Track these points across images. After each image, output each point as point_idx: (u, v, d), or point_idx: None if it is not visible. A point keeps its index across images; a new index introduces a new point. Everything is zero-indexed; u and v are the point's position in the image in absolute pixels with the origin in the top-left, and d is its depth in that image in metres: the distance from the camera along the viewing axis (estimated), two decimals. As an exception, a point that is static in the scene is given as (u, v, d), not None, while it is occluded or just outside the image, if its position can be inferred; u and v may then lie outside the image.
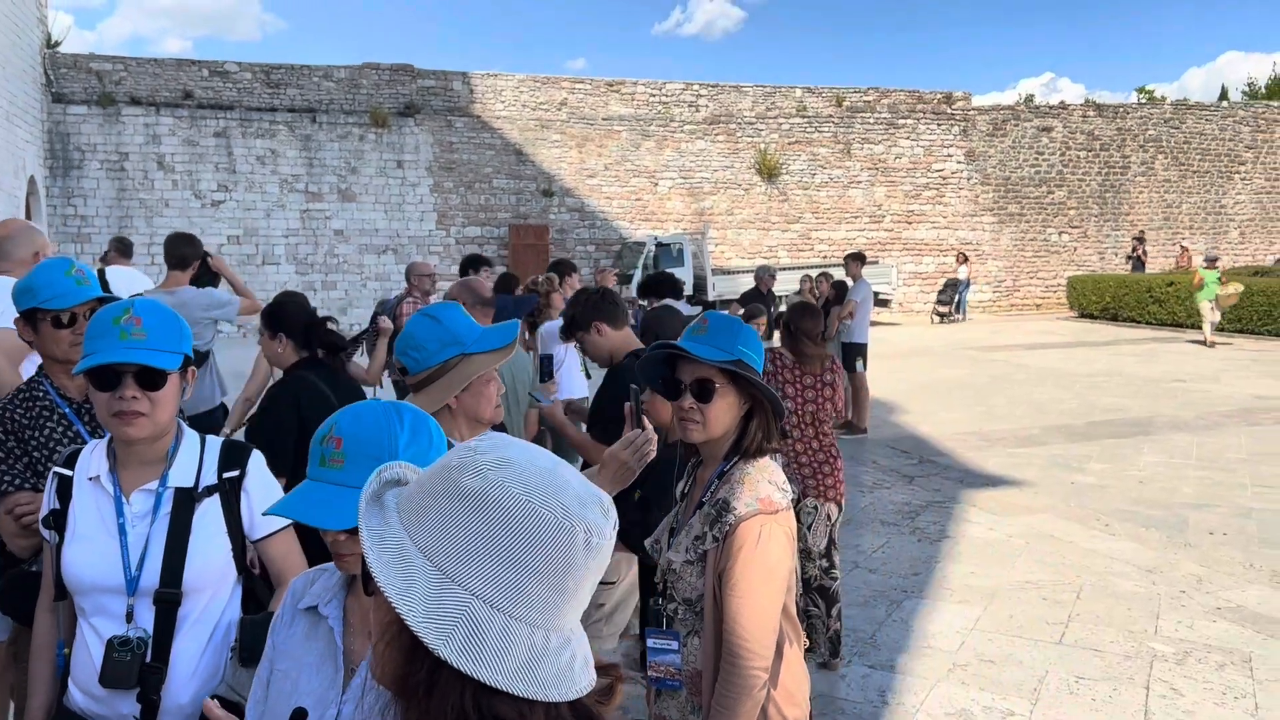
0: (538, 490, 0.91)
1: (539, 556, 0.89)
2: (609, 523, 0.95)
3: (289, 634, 1.57)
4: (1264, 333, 19.74)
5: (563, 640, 0.92)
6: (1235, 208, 30.31)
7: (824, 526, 4.86)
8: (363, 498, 0.98)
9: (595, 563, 0.93)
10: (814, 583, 4.84)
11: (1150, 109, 30.69)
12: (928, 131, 27.20)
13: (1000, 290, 27.86)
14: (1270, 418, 11.58)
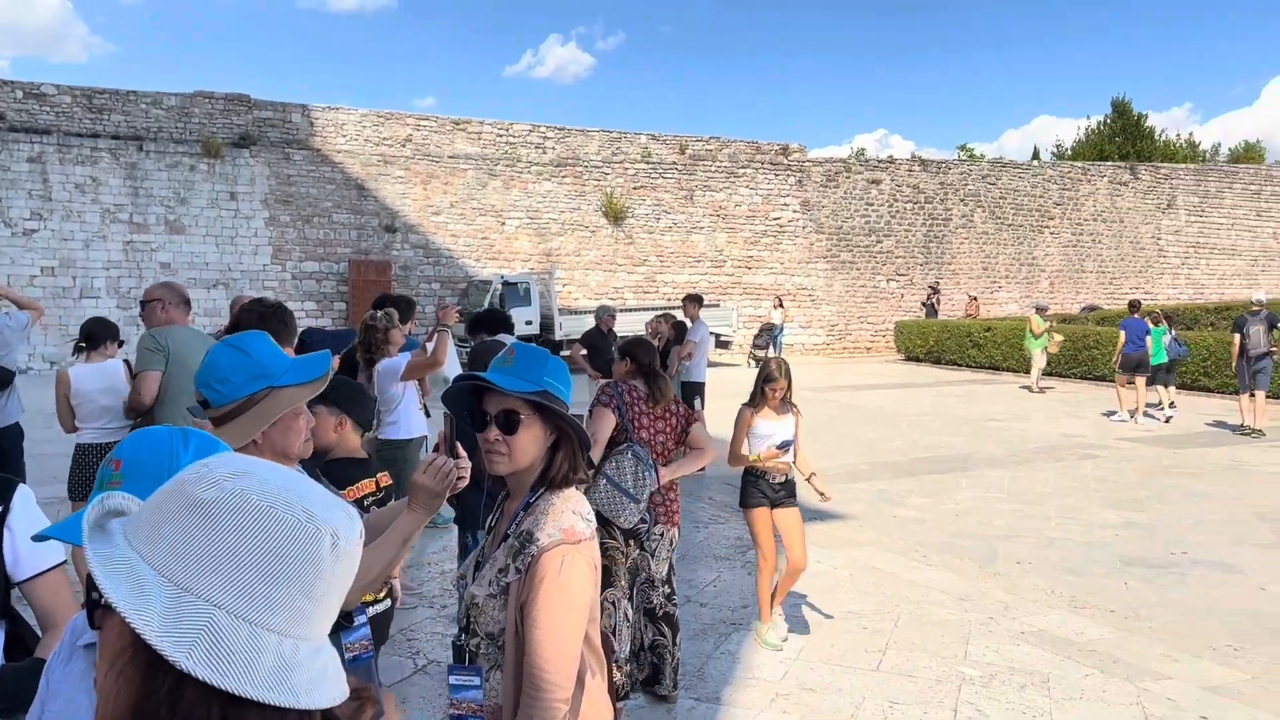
0: (279, 497, 0.88)
1: (284, 563, 0.87)
2: (355, 527, 0.94)
3: (65, 672, 1.49)
4: (1071, 375, 21.24)
5: (314, 649, 0.90)
6: (1045, 259, 32.67)
7: (667, 551, 4.91)
8: (84, 525, 0.93)
9: (343, 567, 0.91)
10: (659, 611, 4.88)
11: (970, 166, 32.87)
12: (766, 181, 28.24)
13: (833, 334, 29.04)
14: (1074, 454, 12.44)
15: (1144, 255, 34.49)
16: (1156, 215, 34.72)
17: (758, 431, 5.66)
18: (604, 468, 4.70)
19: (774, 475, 5.69)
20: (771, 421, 5.67)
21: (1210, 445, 13.03)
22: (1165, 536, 8.34)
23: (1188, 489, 10.28)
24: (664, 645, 4.87)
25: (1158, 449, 12.79)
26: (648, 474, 4.71)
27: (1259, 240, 36.92)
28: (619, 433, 4.81)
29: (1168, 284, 34.69)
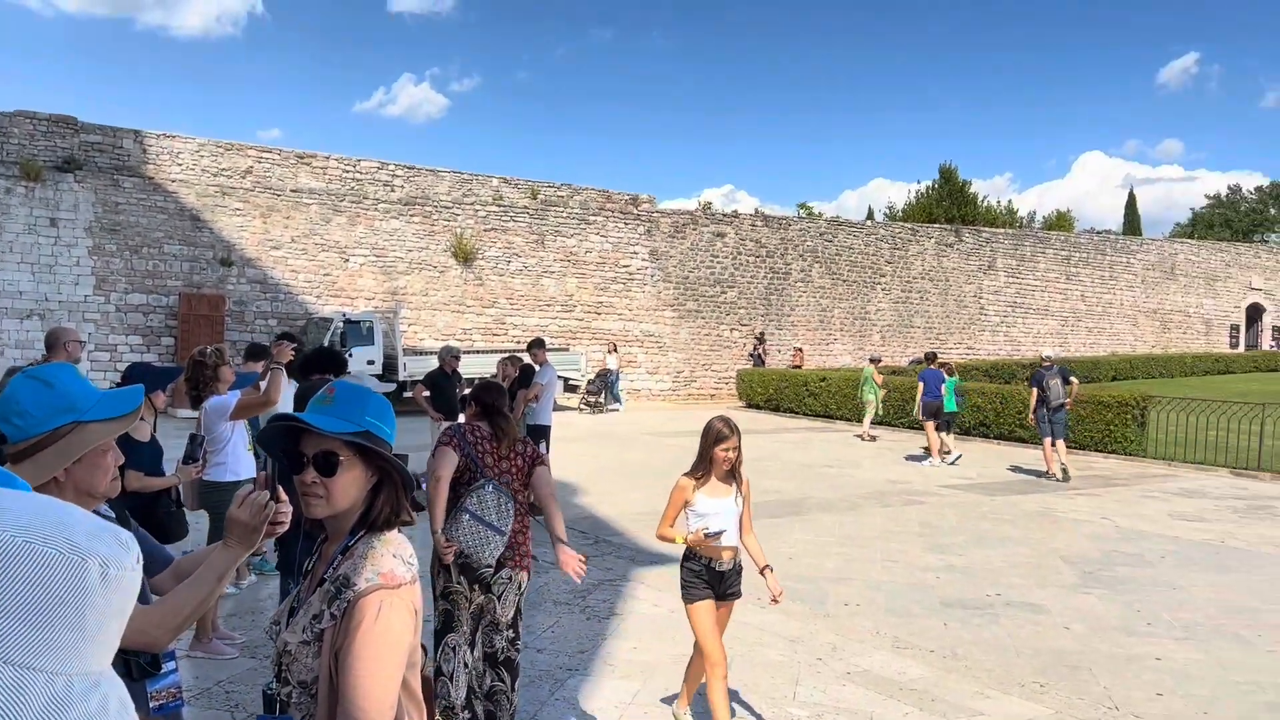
0: (36, 530, 0.84)
1: (47, 597, 0.82)
2: (129, 553, 0.90)
3: None
4: (899, 425, 22.26)
5: (90, 684, 0.85)
6: (877, 314, 34.31)
7: (514, 595, 4.84)
8: None
9: (117, 596, 0.88)
10: (500, 655, 4.80)
11: (808, 223, 34.33)
12: (616, 229, 28.67)
13: (679, 380, 29.55)
14: (900, 499, 13.02)
15: (967, 312, 36.70)
16: (978, 275, 37.05)
17: (699, 509, 4.68)
18: (465, 504, 4.66)
19: (719, 560, 4.75)
20: (718, 498, 4.73)
21: (1023, 493, 13.88)
22: (982, 579, 8.81)
23: (1002, 534, 10.91)
24: (502, 691, 4.80)
25: (977, 496, 13.53)
26: (509, 505, 4.69)
27: (1069, 301, 39.89)
28: (468, 472, 4.76)
29: (988, 340, 36.98)
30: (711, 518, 4.65)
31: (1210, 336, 45.07)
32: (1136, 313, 42.30)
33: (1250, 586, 8.70)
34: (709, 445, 4.74)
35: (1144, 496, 13.79)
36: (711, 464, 4.73)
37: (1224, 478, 15.97)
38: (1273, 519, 12.25)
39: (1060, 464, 14.97)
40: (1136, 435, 18.07)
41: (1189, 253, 45.44)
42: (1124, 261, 42.07)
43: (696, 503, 4.75)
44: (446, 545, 4.62)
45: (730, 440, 4.70)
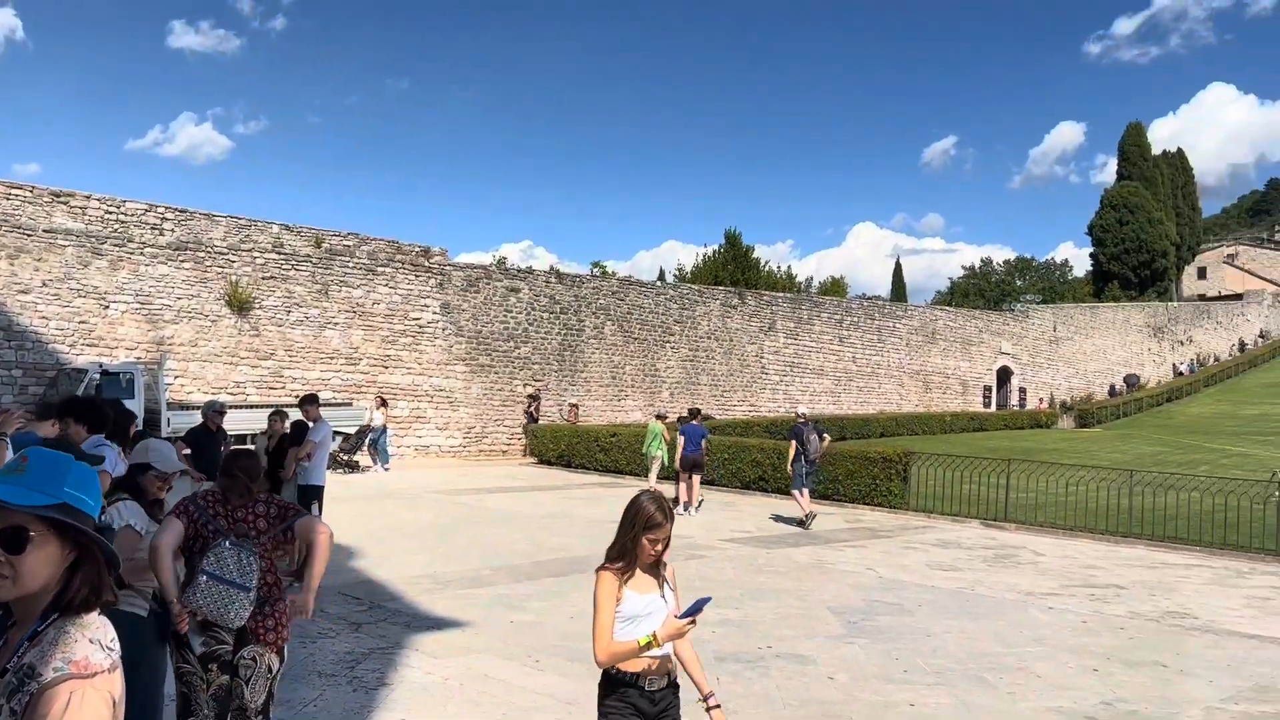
0: None
1: None
2: None
3: None
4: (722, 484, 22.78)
5: None
6: (667, 371, 35.18)
7: (264, 680, 4.50)
8: None
9: None
10: (248, 744, 4.44)
11: (602, 281, 34.93)
12: (406, 281, 28.09)
13: (470, 436, 29.08)
14: (682, 554, 13.20)
15: (750, 371, 38.25)
16: (760, 336, 38.77)
17: (626, 610, 3.74)
18: (201, 565, 4.33)
19: (650, 677, 3.77)
20: (648, 594, 3.80)
21: (796, 545, 14.46)
22: (755, 632, 9.06)
23: (776, 586, 11.29)
24: (254, 780, 4.45)
25: (754, 549, 13.97)
26: (250, 560, 4.37)
27: (842, 362, 42.34)
28: (200, 539, 4.44)
29: (768, 397, 38.63)
30: (643, 620, 3.72)
31: (967, 396, 48.94)
32: (902, 373, 45.39)
33: (995, 631, 9.38)
34: (636, 531, 3.79)
35: (905, 547, 14.67)
36: (637, 554, 3.82)
37: (976, 528, 17.25)
38: (1016, 567, 13.31)
39: (808, 511, 16.23)
40: (900, 489, 19.27)
41: (948, 319, 49.37)
42: (891, 326, 45.17)
43: (624, 602, 3.74)
44: (181, 611, 4.28)
45: (664, 529, 3.81)
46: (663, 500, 3.87)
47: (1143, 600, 11.20)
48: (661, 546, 3.82)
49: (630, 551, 3.80)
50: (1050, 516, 17.80)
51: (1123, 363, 62.18)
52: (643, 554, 3.80)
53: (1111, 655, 8.59)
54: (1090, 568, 13.41)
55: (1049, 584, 12.04)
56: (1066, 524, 17.15)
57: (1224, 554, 14.93)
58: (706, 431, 18.48)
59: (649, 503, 3.83)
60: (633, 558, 3.81)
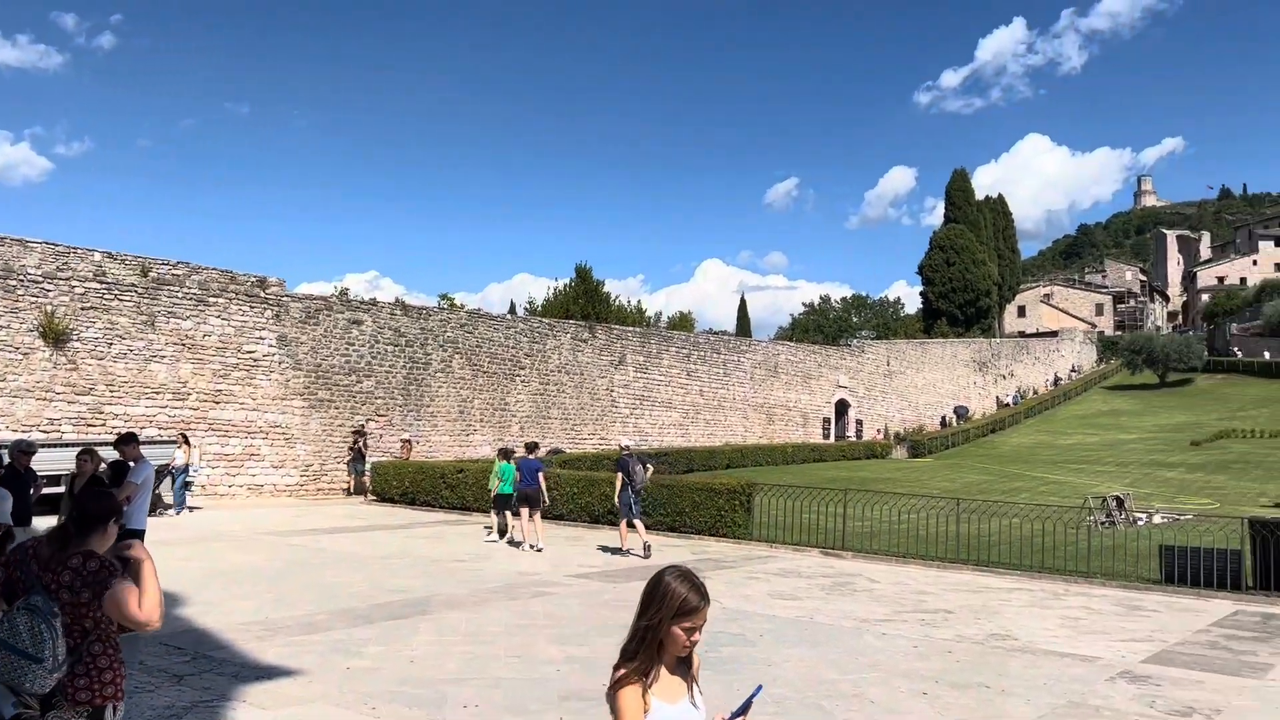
0: None
1: None
2: None
3: None
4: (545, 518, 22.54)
5: None
6: (517, 405, 34.88)
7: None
8: None
9: None
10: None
11: (450, 314, 34.40)
12: (240, 312, 26.91)
13: (308, 474, 27.98)
14: (528, 591, 13.07)
15: (600, 404, 38.38)
16: (611, 370, 39.00)
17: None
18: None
19: None
20: (675, 704, 3.04)
21: (644, 578, 14.45)
22: (600, 668, 8.97)
23: (623, 620, 11.19)
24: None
25: (601, 583, 13.93)
26: (45, 627, 3.98)
27: (689, 395, 43.03)
28: (20, 587, 4.06)
29: (619, 431, 38.80)
30: None
31: (807, 428, 50.51)
32: (747, 406, 46.49)
33: (832, 659, 9.62)
34: (663, 617, 2.99)
35: (749, 578, 14.93)
36: (662, 648, 3.02)
37: (815, 557, 17.74)
38: (853, 594, 13.74)
39: (644, 541, 16.78)
40: (744, 520, 19.64)
41: (789, 353, 50.96)
42: (736, 360, 46.26)
43: (651, 715, 2.97)
44: None
45: (701, 613, 3.01)
46: (693, 576, 3.07)
47: (969, 624, 11.74)
48: (698, 636, 3.06)
49: (653, 646, 3.00)
50: (884, 544, 18.50)
51: (951, 395, 65.59)
52: (673, 647, 3.02)
53: (940, 678, 8.94)
54: (921, 593, 13.98)
55: (883, 610, 12.48)
56: (899, 551, 17.86)
57: (1042, 577, 15.84)
58: (543, 465, 18.53)
59: (678, 582, 3.03)
60: (655, 654, 3.01)
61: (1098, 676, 9.21)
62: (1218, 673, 9.52)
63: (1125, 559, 16.97)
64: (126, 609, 4.16)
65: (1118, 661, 9.88)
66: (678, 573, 3.09)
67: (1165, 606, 13.56)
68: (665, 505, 20.45)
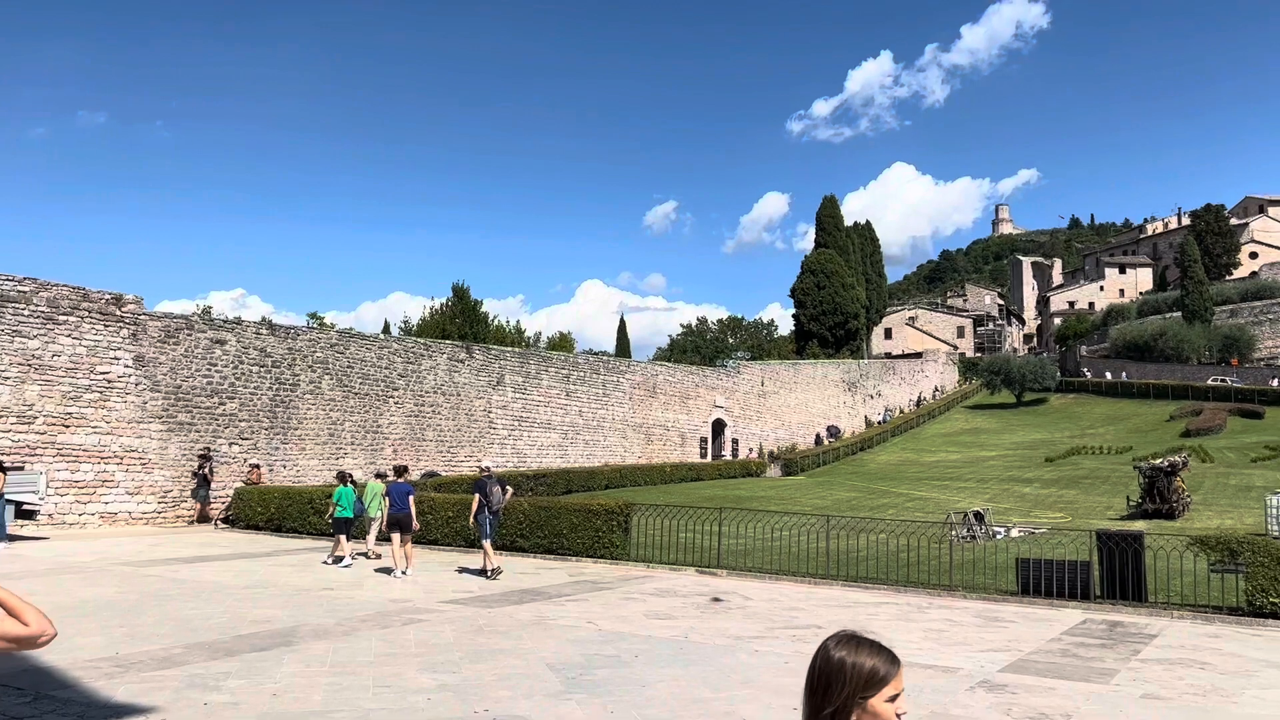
0: None
1: None
2: None
3: None
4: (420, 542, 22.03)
5: None
6: (390, 427, 34.10)
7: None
8: None
9: None
10: None
11: (319, 334, 33.42)
12: (93, 331, 25.53)
13: (167, 501, 26.66)
14: (400, 619, 12.75)
15: (477, 426, 37.89)
16: (488, 391, 38.58)
17: None
18: None
19: None
20: None
21: (519, 603, 14.33)
22: (473, 695, 8.82)
23: (496, 646, 11.10)
24: None
25: (476, 609, 13.70)
26: None
27: (569, 416, 42.92)
28: None
29: (496, 452, 38.40)
30: None
31: (685, 448, 51.03)
32: (626, 426, 46.67)
33: (705, 678, 9.69)
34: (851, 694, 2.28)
35: (625, 598, 14.94)
36: None
37: (692, 576, 17.89)
38: (727, 613, 13.89)
39: (492, 565, 16.88)
40: (622, 540, 19.66)
41: (667, 374, 51.46)
42: (616, 380, 46.43)
43: None
44: None
45: (898, 674, 2.33)
46: (865, 638, 2.35)
47: (838, 638, 12.01)
48: (904, 704, 2.35)
49: None
50: (758, 562, 18.80)
51: (822, 415, 67.36)
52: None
53: (810, 693, 9.10)
54: (793, 609, 14.25)
55: (756, 628, 12.66)
56: (772, 568, 18.18)
57: (908, 591, 16.37)
58: (412, 489, 18.30)
59: (853, 652, 2.32)
60: None
61: (959, 687, 9.55)
62: (1068, 679, 10.00)
63: (985, 572, 17.69)
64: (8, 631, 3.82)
65: (977, 671, 10.27)
66: (846, 641, 2.34)
67: (1021, 617, 14.19)
68: (543, 527, 20.31)
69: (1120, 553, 15.27)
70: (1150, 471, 28.77)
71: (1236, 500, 31.69)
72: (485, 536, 17.10)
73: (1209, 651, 11.72)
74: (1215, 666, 10.84)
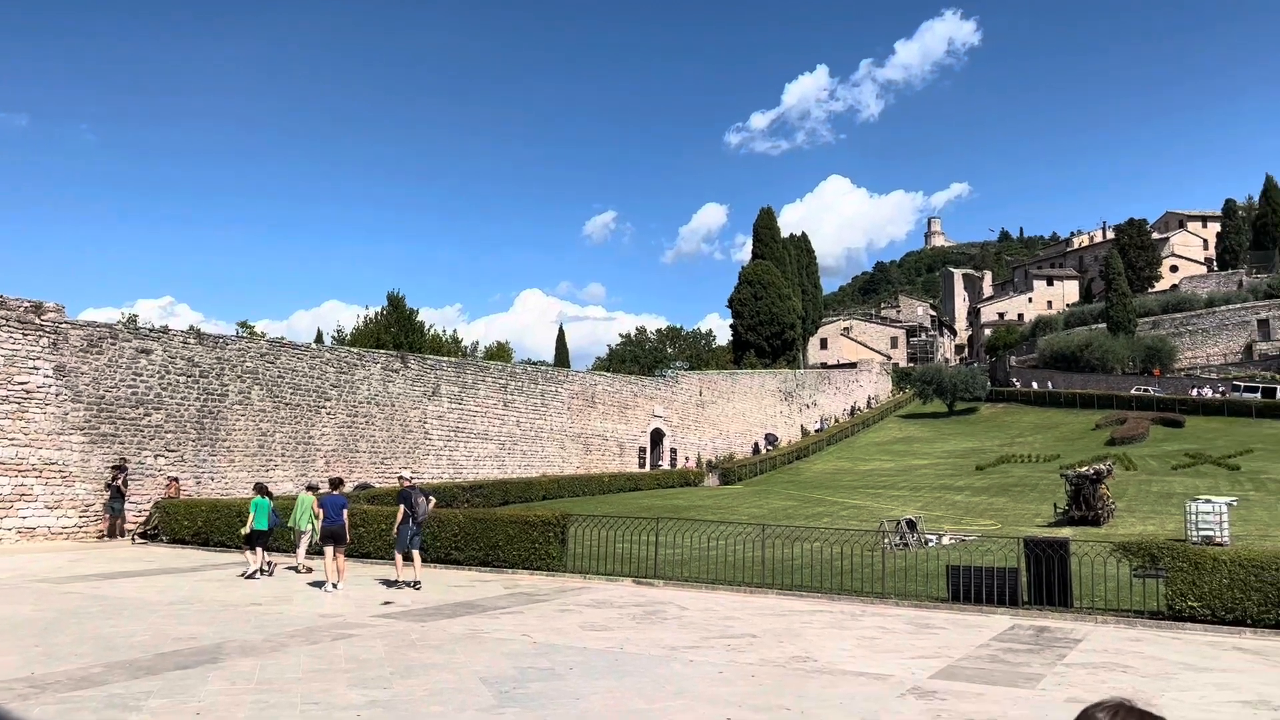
0: None
1: None
2: None
3: None
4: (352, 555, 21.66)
5: None
6: (322, 439, 33.51)
7: None
8: None
9: None
10: None
11: (249, 343, 32.73)
12: (10, 340, 24.67)
13: (89, 515, 25.84)
14: (330, 635, 12.50)
15: (412, 437, 37.42)
16: (424, 401, 38.13)
17: None
18: None
19: None
20: None
21: (452, 616, 14.15)
22: (403, 711, 8.68)
23: (429, 661, 10.94)
24: None
25: (408, 624, 13.49)
26: None
27: (506, 427, 42.62)
28: None
29: (432, 464, 37.97)
30: None
31: (624, 457, 50.99)
32: (564, 437, 46.49)
33: (639, 689, 9.67)
34: None
35: (561, 610, 14.85)
36: None
37: (628, 586, 17.85)
38: (663, 623, 13.88)
39: (415, 578, 16.95)
40: (559, 551, 19.55)
41: (606, 384, 51.39)
42: (554, 390, 46.24)
43: None
44: None
45: None
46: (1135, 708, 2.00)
47: (772, 647, 12.08)
48: None
49: None
50: (694, 571, 18.84)
51: (760, 424, 67.85)
52: None
53: (744, 702, 9.13)
54: (728, 619, 14.29)
55: (691, 637, 12.67)
56: (708, 578, 18.23)
57: (841, 599, 16.53)
58: (346, 501, 18.11)
59: None
60: None
61: (890, 694, 9.65)
62: (996, 684, 10.18)
63: (917, 579, 17.95)
64: None
65: (908, 678, 10.40)
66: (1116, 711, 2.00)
67: (952, 623, 14.42)
68: (478, 539, 20.11)
69: (1047, 559, 15.61)
70: (1076, 479, 29.49)
71: (1158, 507, 32.64)
72: (404, 548, 17.16)
73: (1131, 655, 12.03)
74: (1137, 669, 11.13)
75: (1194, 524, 23.09)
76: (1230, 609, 13.93)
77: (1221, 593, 14.00)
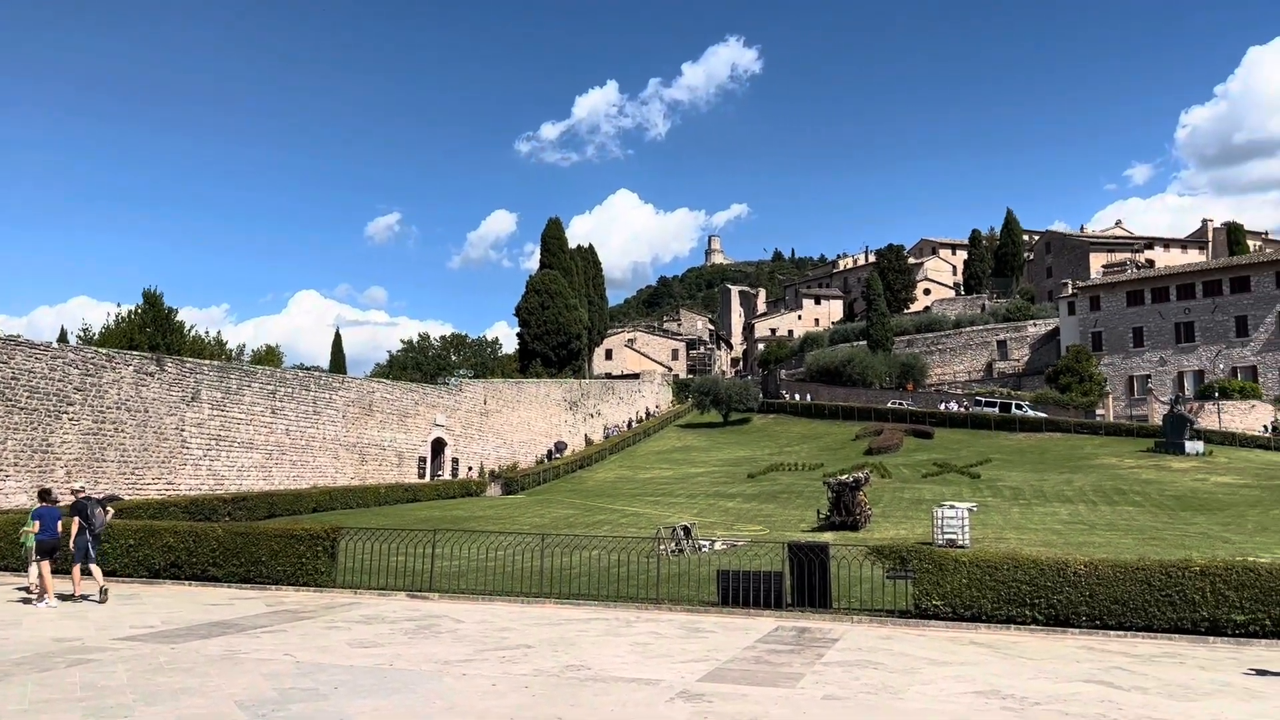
0: None
1: None
2: None
3: None
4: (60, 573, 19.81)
5: None
6: (63, 447, 30.60)
7: None
8: None
9: None
10: None
11: (-21, 340, 29.45)
12: None
13: None
14: (64, 661, 11.37)
15: (168, 445, 34.83)
16: (181, 407, 35.59)
17: None
18: None
19: None
20: None
21: (207, 637, 13.22)
22: (144, 743, 7.99)
23: (179, 685, 10.15)
24: None
25: (156, 645, 12.49)
26: None
27: (274, 435, 40.48)
28: None
29: (190, 474, 35.50)
30: None
31: (402, 468, 49.60)
32: (338, 446, 44.69)
33: (409, 706, 9.36)
34: None
35: (329, 627, 14.20)
36: None
37: (402, 600, 17.33)
38: (436, 636, 13.55)
39: (100, 586, 16.39)
40: (328, 566, 18.70)
41: (385, 391, 49.85)
42: (328, 397, 44.36)
43: None
44: None
45: None
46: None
47: (547, 657, 12.04)
48: None
49: None
50: (471, 583, 18.54)
51: (545, 434, 67.92)
52: None
53: (515, 714, 9.02)
54: (504, 630, 14.14)
55: (465, 650, 12.43)
56: (486, 589, 17.98)
57: (618, 606, 16.73)
58: (60, 514, 16.88)
59: None
60: None
61: (659, 698, 9.83)
62: (760, 685, 10.58)
63: (690, 584, 18.45)
64: None
65: (678, 682, 10.63)
66: None
67: (721, 627, 14.90)
68: (239, 555, 18.92)
69: (809, 563, 16.43)
70: (837, 486, 31.28)
71: (910, 512, 35.17)
72: (82, 560, 16.69)
73: (882, 652, 12.83)
74: (886, 666, 11.87)
75: (940, 528, 24.99)
76: (968, 606, 15.15)
77: (961, 592, 15.21)
